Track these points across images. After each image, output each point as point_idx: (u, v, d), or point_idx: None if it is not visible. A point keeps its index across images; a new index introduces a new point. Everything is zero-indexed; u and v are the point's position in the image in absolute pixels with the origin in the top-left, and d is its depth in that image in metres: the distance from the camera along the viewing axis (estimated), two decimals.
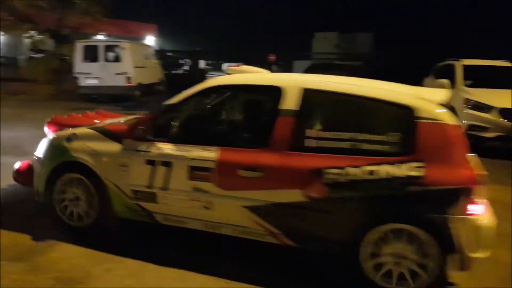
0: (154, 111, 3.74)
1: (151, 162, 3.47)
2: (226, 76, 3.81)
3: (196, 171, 3.32)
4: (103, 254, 3.53)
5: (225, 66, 24.58)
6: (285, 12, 48.82)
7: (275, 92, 3.26)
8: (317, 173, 2.99)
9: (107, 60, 13.55)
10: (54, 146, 3.90)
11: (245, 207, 3.22)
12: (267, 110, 3.51)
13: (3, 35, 23.49)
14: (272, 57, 23.07)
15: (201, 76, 20.29)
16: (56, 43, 18.95)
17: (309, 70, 12.02)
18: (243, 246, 3.63)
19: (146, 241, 3.85)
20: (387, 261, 2.96)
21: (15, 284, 3.07)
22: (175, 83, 17.58)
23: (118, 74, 13.21)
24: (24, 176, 4.20)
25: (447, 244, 2.81)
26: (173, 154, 3.40)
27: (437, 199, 2.80)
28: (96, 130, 3.80)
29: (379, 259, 2.97)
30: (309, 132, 3.10)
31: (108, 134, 3.71)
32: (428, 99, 3.02)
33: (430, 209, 2.81)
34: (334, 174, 2.95)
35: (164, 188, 3.46)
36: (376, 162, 2.90)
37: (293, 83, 3.30)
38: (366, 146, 2.97)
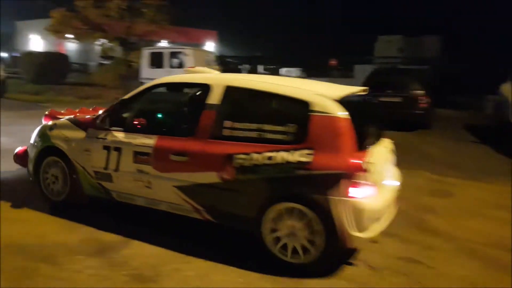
0: (112, 105, 4.35)
1: (106, 148, 4.09)
2: (170, 76, 4.49)
3: (139, 155, 3.90)
4: (172, 253, 3.60)
5: (283, 71, 24.56)
6: (347, 15, 47.70)
7: (205, 88, 3.81)
8: (229, 158, 3.45)
9: (171, 66, 14.06)
10: (40, 134, 4.65)
11: (175, 186, 3.73)
12: (198, 104, 3.89)
13: (76, 43, 25.16)
14: (333, 62, 22.73)
15: None
16: (124, 50, 20.03)
17: (373, 75, 11.63)
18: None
19: (214, 242, 3.87)
20: (282, 236, 3.36)
21: (91, 279, 3.20)
22: None
23: None
24: (21, 158, 4.97)
25: (329, 222, 3.16)
26: (123, 141, 4.01)
27: (321, 182, 3.18)
28: (70, 121, 4.53)
29: (276, 234, 3.38)
30: (226, 123, 3.59)
31: (78, 124, 4.41)
32: (324, 95, 3.39)
33: (315, 191, 3.20)
34: (241, 159, 3.41)
35: (116, 170, 4.04)
36: (275, 149, 3.33)
37: (219, 81, 3.83)
38: (268, 135, 3.42)
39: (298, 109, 3.38)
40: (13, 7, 45.61)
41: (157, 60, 14.20)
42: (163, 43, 23.44)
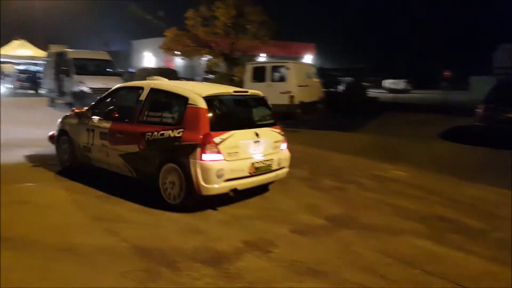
0: (95, 100, 6.42)
1: (88, 129, 6.06)
2: (125, 83, 6.67)
3: (103, 134, 5.79)
4: (284, 271, 3.52)
5: (387, 82, 23.50)
6: (462, 22, 43.48)
7: (140, 90, 5.65)
8: (143, 135, 5.20)
9: (272, 80, 14.23)
10: (60, 122, 6.78)
11: (119, 154, 5.54)
12: (135, 100, 5.66)
13: (183, 59, 26.96)
14: (447, 73, 21.11)
15: (361, 93, 19.73)
16: (227, 65, 20.93)
17: (498, 88, 10.44)
18: None
19: (321, 261, 3.71)
20: (167, 185, 4.99)
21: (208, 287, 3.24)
22: (334, 101, 17.49)
23: (282, 93, 13.73)
24: (52, 139, 7.01)
25: (189, 177, 4.73)
26: (95, 125, 5.96)
27: (186, 150, 4.78)
28: (75, 113, 6.50)
29: (165, 185, 5.01)
30: (145, 112, 5.41)
31: (77, 114, 6.40)
32: (198, 93, 5.02)
33: (182, 155, 4.81)
34: (148, 135, 5.15)
35: (92, 144, 5.97)
36: (166, 129, 5.02)
37: (148, 85, 5.68)
38: (164, 120, 5.22)
39: (182, 102, 5.08)
40: (130, 28, 50.93)
41: (259, 75, 14.47)
42: (264, 57, 24.04)
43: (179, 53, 22.66)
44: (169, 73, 24.35)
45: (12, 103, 19.43)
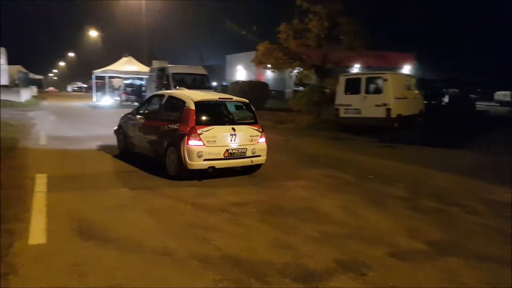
0: (140, 104, 10.38)
1: (133, 124, 8.48)
2: (155, 92, 10.50)
3: (140, 127, 8.17)
4: None
5: (497, 95, 21.26)
6: None
7: (163, 96, 8.04)
8: (159, 127, 7.43)
9: (367, 92, 13.68)
10: (120, 119, 9.29)
11: (147, 141, 7.83)
12: (160, 104, 8.01)
13: (274, 71, 27.27)
14: None
15: (468, 106, 18.05)
16: (318, 77, 20.62)
17: None
18: None
19: None
20: (169, 162, 7.04)
21: None
22: (437, 115, 16.23)
23: (378, 105, 13.12)
24: (116, 132, 9.35)
25: (180, 156, 6.73)
26: (137, 121, 8.34)
27: (179, 137, 6.78)
28: (127, 113, 9.07)
29: (169, 161, 7.07)
30: (162, 112, 7.74)
31: (129, 113, 8.90)
32: (192, 98, 7.05)
33: (177, 141, 6.81)
34: (161, 127, 7.36)
35: (135, 135, 8.37)
36: (171, 124, 7.15)
37: (167, 93, 8.09)
38: (171, 118, 7.32)
39: (182, 105, 7.07)
40: (224, 43, 53.58)
41: (353, 86, 14.00)
42: (357, 68, 23.32)
43: (270, 66, 22.96)
44: (260, 86, 24.94)
45: (117, 113, 21.48)
